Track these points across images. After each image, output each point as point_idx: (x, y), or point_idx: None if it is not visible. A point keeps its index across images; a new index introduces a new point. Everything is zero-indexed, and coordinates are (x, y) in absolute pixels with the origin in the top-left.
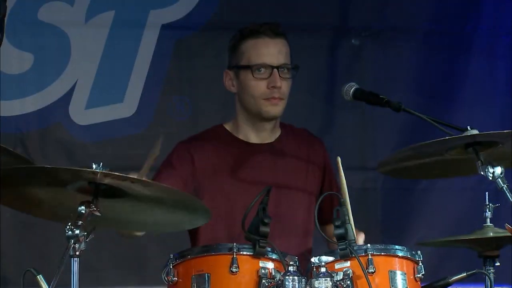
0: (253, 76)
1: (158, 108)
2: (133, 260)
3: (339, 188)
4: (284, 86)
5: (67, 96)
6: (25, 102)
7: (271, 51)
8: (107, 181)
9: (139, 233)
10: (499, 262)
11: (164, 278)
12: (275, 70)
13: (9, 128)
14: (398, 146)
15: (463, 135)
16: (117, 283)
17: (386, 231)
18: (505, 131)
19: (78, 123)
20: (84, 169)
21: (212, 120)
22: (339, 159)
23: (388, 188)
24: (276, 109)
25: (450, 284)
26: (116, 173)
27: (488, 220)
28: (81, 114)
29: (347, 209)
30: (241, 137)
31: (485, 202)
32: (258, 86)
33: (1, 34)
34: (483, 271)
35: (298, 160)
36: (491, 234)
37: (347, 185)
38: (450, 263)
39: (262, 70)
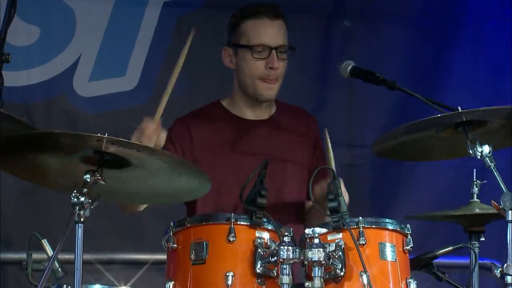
0: (252, 55)
1: (158, 83)
2: (131, 227)
3: (326, 163)
4: (281, 67)
5: (71, 69)
6: (31, 73)
7: (270, 32)
8: (112, 149)
9: (139, 208)
10: (484, 237)
11: (164, 244)
12: (274, 51)
13: (16, 98)
14: (386, 125)
15: (453, 112)
16: (116, 249)
17: (374, 206)
18: (492, 107)
19: (82, 95)
20: (91, 134)
21: (209, 96)
22: (326, 129)
23: (376, 165)
24: (270, 92)
25: (436, 257)
26: (121, 139)
27: (475, 196)
28: (85, 86)
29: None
30: (237, 113)
31: (473, 178)
32: (256, 65)
33: (14, 6)
34: (469, 245)
35: (292, 136)
36: (477, 210)
37: (336, 160)
38: (436, 237)
39: (261, 50)
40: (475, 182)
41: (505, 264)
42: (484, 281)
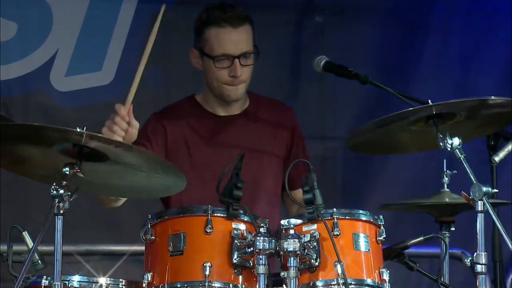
0: (215, 66)
1: None
2: (109, 220)
3: (308, 153)
4: (245, 72)
5: (49, 64)
6: (9, 68)
7: (232, 41)
8: (92, 144)
9: (116, 204)
10: (454, 227)
11: (143, 237)
12: (236, 60)
13: None
14: (358, 117)
15: (423, 106)
16: (94, 241)
17: (346, 197)
18: (461, 99)
19: (59, 90)
20: (71, 129)
21: (184, 90)
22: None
23: (348, 157)
24: (237, 92)
25: (408, 247)
26: (101, 135)
27: (445, 185)
28: (62, 81)
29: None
30: (209, 109)
31: (443, 169)
32: (220, 73)
33: None
34: (439, 235)
35: (267, 127)
36: (447, 199)
37: (309, 153)
38: (406, 227)
39: (224, 59)
40: (445, 173)
41: (475, 254)
42: (453, 270)
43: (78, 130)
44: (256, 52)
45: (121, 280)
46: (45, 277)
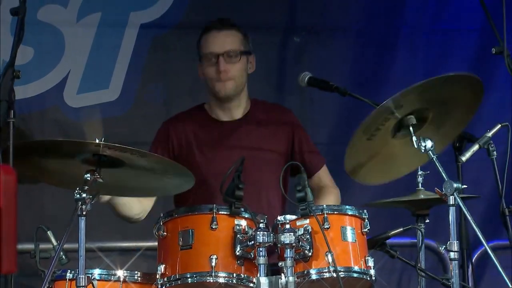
0: (204, 63)
1: (137, 94)
2: (118, 219)
3: (311, 145)
4: (233, 68)
5: (62, 83)
6: (27, 88)
7: (216, 41)
8: (108, 152)
9: (136, 217)
10: (428, 220)
11: (155, 233)
12: (220, 57)
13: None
14: (336, 124)
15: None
16: (109, 238)
17: None
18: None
19: (71, 106)
20: (90, 141)
21: (182, 104)
22: None
23: (327, 161)
24: (225, 87)
25: (389, 237)
26: (116, 144)
27: (420, 184)
28: (74, 98)
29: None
30: (214, 116)
31: (417, 170)
32: (209, 70)
33: (22, 30)
34: (416, 226)
35: (266, 127)
36: (422, 196)
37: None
38: (387, 221)
39: (210, 57)
40: (420, 173)
41: (448, 242)
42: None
43: (97, 141)
44: (244, 52)
45: (136, 272)
46: (69, 271)
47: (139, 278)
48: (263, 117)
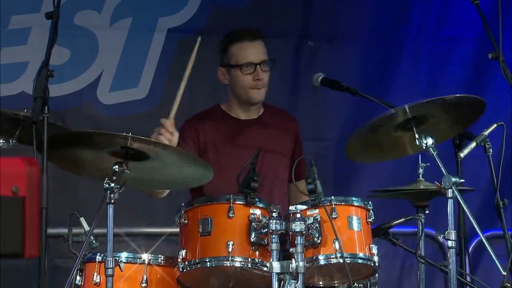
0: (241, 72)
1: (164, 92)
2: (146, 208)
3: (302, 154)
4: (265, 76)
5: (95, 82)
6: (63, 86)
7: (252, 51)
8: (135, 145)
9: (162, 195)
10: (428, 211)
11: (177, 220)
12: (258, 66)
13: (52, 106)
14: (345, 123)
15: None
16: (135, 224)
17: (337, 188)
18: (431, 99)
19: (104, 103)
20: (119, 134)
21: (205, 102)
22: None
23: (337, 155)
24: (259, 95)
25: (392, 227)
26: (142, 137)
27: (420, 175)
28: (106, 95)
29: None
30: (233, 115)
31: (419, 162)
32: (246, 79)
33: (56, 34)
34: (416, 217)
35: (277, 130)
36: (422, 186)
37: (305, 153)
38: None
39: (248, 67)
40: (420, 165)
41: (446, 231)
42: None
43: (125, 134)
44: (271, 61)
45: (160, 256)
46: (99, 253)
47: (162, 261)
48: (273, 121)
